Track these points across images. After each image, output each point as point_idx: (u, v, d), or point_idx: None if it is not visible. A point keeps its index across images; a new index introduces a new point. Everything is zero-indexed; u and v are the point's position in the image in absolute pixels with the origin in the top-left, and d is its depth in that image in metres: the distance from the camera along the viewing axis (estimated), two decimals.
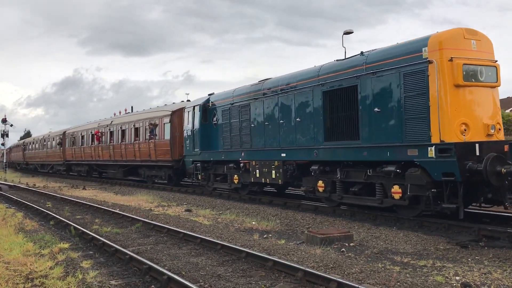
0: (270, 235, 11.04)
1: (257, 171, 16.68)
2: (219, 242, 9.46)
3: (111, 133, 31.50)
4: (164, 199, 20.02)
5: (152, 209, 16.83)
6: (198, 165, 20.81)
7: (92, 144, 34.68)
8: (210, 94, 21.10)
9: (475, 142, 10.11)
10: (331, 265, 7.73)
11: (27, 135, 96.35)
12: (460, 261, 8.23)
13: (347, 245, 9.66)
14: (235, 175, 18.36)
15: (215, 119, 19.76)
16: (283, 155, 15.36)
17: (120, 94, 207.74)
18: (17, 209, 17.40)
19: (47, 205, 18.38)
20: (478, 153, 9.92)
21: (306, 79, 14.56)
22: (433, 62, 10.51)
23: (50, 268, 7.95)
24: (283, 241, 10.13)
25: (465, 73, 10.53)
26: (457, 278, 7.10)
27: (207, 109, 20.30)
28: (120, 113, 33.94)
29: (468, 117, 10.51)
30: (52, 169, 46.30)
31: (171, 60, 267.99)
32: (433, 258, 8.47)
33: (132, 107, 33.84)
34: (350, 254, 8.91)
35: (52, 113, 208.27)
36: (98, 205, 17.31)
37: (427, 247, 9.36)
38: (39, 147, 49.44)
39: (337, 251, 9.13)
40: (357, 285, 6.22)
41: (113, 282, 7.24)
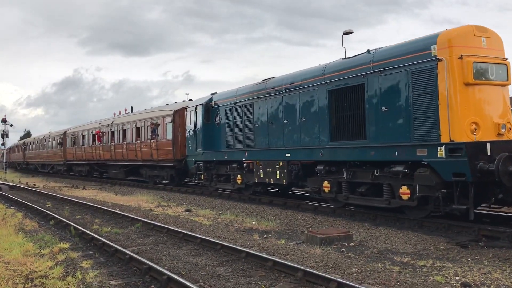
0: (270, 235, 11.00)
1: (261, 171, 16.46)
2: (219, 242, 9.45)
3: (113, 133, 31.36)
4: (164, 199, 19.96)
5: (152, 209, 16.78)
6: (200, 165, 20.60)
7: (93, 144, 34.55)
8: (212, 93, 20.91)
9: (486, 141, 9.88)
10: (331, 265, 7.72)
11: (27, 135, 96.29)
12: (460, 261, 8.20)
13: (347, 245, 9.61)
14: (238, 176, 18.15)
15: (217, 118, 19.56)
16: (287, 155, 15.14)
17: (120, 94, 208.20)
18: (17, 209, 17.40)
19: (47, 205, 18.38)
20: (489, 153, 9.70)
21: (311, 78, 14.35)
22: (442, 60, 10.29)
23: (50, 268, 7.94)
24: (283, 241, 10.09)
25: (475, 71, 10.32)
26: (457, 278, 7.09)
27: (210, 108, 20.09)
28: (120, 113, 33.82)
29: (478, 116, 10.30)
30: (52, 169, 46.18)
31: (171, 60, 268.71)
32: (433, 258, 8.43)
33: (132, 107, 33.77)
34: (350, 254, 8.88)
35: (52, 113, 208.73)
36: (98, 205, 17.29)
37: (427, 247, 9.31)
38: (40, 147, 49.34)
39: (337, 251, 9.10)
40: (357, 285, 6.21)
41: (113, 282, 7.24)
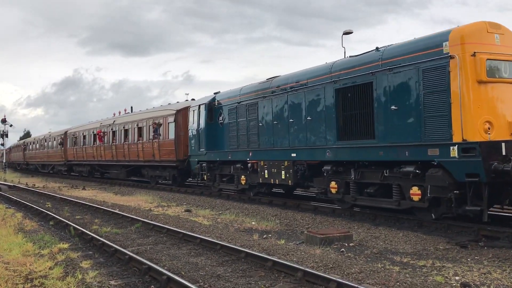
0: (269, 235, 10.93)
1: (266, 171, 16.17)
2: (218, 242, 9.40)
3: (114, 133, 31.14)
4: (163, 199, 19.83)
5: (151, 209, 16.65)
6: (203, 165, 20.33)
7: (94, 144, 34.33)
8: (215, 92, 20.65)
9: (501, 141, 9.60)
10: (331, 265, 7.69)
11: (27, 135, 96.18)
12: (459, 261, 8.15)
13: (346, 245, 9.55)
14: (242, 176, 17.86)
15: (221, 118, 19.29)
16: (293, 155, 14.84)
17: (120, 94, 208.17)
18: (16, 209, 17.30)
19: (47, 205, 18.25)
20: (504, 153, 9.41)
21: (317, 76, 14.07)
22: (454, 57, 10.02)
23: (49, 268, 7.90)
24: (283, 241, 10.02)
25: (488, 68, 10.05)
26: (457, 278, 7.06)
27: (213, 108, 19.83)
28: (119, 113, 33.66)
29: (492, 115, 10.02)
30: (53, 170, 45.94)
31: (171, 60, 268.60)
32: (432, 258, 8.39)
33: (132, 107, 33.65)
34: (349, 254, 8.84)
35: (52, 113, 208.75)
36: (97, 205, 17.16)
37: (426, 247, 9.24)
38: (40, 147, 49.12)
39: (337, 251, 9.05)
40: (356, 285, 6.19)
41: (112, 282, 7.20)
